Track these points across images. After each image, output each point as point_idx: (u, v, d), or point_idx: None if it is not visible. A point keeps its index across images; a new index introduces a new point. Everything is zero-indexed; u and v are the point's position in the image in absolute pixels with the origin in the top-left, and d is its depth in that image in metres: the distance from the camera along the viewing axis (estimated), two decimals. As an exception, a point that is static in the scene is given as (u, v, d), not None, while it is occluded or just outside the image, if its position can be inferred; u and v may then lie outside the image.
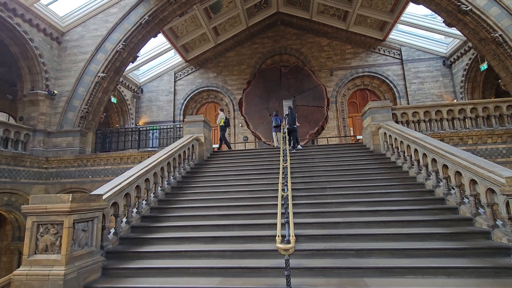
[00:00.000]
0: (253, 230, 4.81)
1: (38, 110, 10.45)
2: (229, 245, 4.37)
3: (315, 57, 15.90)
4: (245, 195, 6.23)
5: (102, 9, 11.35)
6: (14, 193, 9.24)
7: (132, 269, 3.93)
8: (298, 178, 6.73)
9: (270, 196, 5.98)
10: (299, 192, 5.99)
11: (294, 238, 3.23)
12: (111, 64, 11.02)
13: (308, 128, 14.48)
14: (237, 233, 4.68)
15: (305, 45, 16.09)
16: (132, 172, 5.44)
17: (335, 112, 15.18)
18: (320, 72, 15.67)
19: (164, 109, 16.73)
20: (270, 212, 5.24)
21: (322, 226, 4.75)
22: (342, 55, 15.71)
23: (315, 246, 4.12)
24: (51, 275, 3.28)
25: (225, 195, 6.34)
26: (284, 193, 4.58)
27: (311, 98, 14.99)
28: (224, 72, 16.66)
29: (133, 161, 10.06)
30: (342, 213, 5.11)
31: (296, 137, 9.69)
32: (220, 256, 4.15)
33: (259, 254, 4.11)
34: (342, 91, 15.52)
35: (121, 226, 4.88)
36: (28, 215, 3.54)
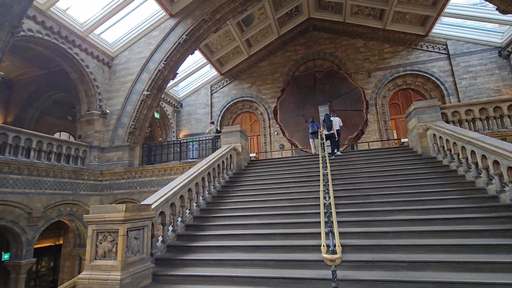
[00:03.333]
0: (295, 239, 4.72)
1: (94, 128, 11.59)
2: (271, 255, 4.34)
3: (351, 60, 15.42)
4: (284, 204, 6.17)
5: (145, 33, 12.35)
6: (75, 204, 10.26)
7: (180, 276, 4.09)
8: (340, 186, 6.49)
9: (310, 204, 5.85)
10: (341, 200, 5.76)
11: (340, 248, 3.09)
12: (154, 83, 11.87)
13: (347, 133, 13.95)
14: (279, 243, 4.63)
15: (339, 48, 15.72)
16: (176, 183, 5.71)
17: (375, 115, 14.45)
18: (356, 74, 15.13)
19: (202, 121, 17.44)
20: (312, 221, 5.10)
21: (369, 235, 4.49)
22: (380, 55, 15.01)
23: (362, 257, 3.90)
24: (109, 279, 3.54)
25: (265, 203, 6.34)
26: (326, 201, 4.44)
27: (348, 102, 14.49)
28: (257, 82, 16.93)
29: (175, 172, 10.57)
30: (391, 222, 4.79)
31: (335, 143, 9.41)
32: (263, 266, 4.13)
33: (302, 264, 4.00)
34: (382, 92, 14.75)
35: (168, 235, 5.12)
36: (89, 224, 3.88)
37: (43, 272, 13.35)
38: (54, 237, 13.41)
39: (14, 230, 8.35)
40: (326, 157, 6.79)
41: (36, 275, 12.88)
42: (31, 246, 8.74)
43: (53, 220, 9.55)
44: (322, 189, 4.92)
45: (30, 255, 8.72)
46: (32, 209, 8.65)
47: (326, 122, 9.50)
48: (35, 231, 8.90)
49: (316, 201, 5.79)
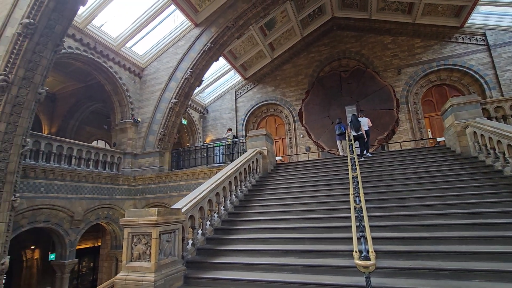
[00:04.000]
0: (325, 244, 4.59)
1: (127, 136, 12.25)
2: (300, 260, 4.25)
3: (378, 57, 14.86)
4: (313, 207, 6.04)
5: (172, 43, 12.88)
6: (111, 208, 10.87)
7: (210, 279, 4.14)
8: (370, 189, 6.23)
9: (339, 208, 5.68)
10: (373, 203, 5.53)
11: (374, 254, 2.95)
12: (181, 90, 12.30)
13: (377, 133, 13.42)
14: (308, 247, 4.53)
15: (366, 46, 15.22)
16: (204, 187, 5.83)
17: (407, 113, 13.74)
18: (385, 72, 14.54)
19: (228, 126, 17.68)
20: (342, 225, 4.95)
21: (404, 241, 4.24)
22: (410, 50, 14.30)
23: (398, 264, 3.69)
24: (144, 281, 3.68)
25: (293, 207, 6.26)
26: (356, 205, 4.28)
27: (377, 101, 13.95)
28: (281, 84, 16.89)
29: (203, 177, 10.82)
30: (428, 227, 4.49)
31: (364, 144, 9.08)
32: (293, 271, 4.06)
33: (333, 270, 3.88)
34: (414, 89, 13.99)
35: (198, 238, 5.23)
36: (125, 227, 4.08)
37: (84, 272, 14.26)
38: (93, 239, 14.29)
39: (59, 232, 9.02)
40: (355, 159, 6.57)
41: (78, 275, 13.79)
42: (73, 247, 9.38)
43: (92, 223, 10.18)
44: (352, 192, 4.75)
45: (73, 256, 9.35)
46: (74, 212, 9.30)
47: (354, 122, 9.20)
48: (77, 233, 9.55)
49: (346, 205, 5.61)
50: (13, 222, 7.20)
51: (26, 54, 7.00)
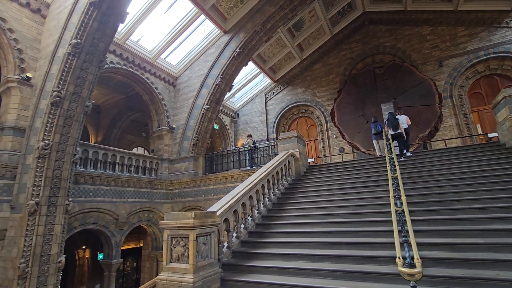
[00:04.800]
0: (364, 249, 4.37)
1: (163, 142, 12.88)
2: (338, 265, 4.09)
3: (416, 50, 13.95)
4: (349, 211, 5.81)
5: (202, 51, 13.34)
6: (151, 211, 11.47)
7: (246, 282, 4.15)
8: (413, 190, 5.83)
9: (378, 211, 5.39)
10: (416, 206, 5.16)
11: (420, 261, 2.74)
12: (212, 96, 12.65)
13: (417, 131, 12.57)
14: (345, 252, 4.35)
15: (401, 40, 14.39)
16: (237, 190, 5.89)
17: (452, 108, 12.67)
18: (424, 65, 13.59)
19: (258, 129, 17.81)
20: (381, 229, 4.69)
21: (454, 247, 3.88)
22: (453, 40, 13.21)
23: (448, 273, 3.38)
24: (183, 281, 3.80)
25: (328, 210, 6.07)
26: (397, 208, 4.02)
27: (416, 96, 13.08)
28: (312, 85, 16.60)
29: (236, 180, 10.97)
30: (482, 232, 4.07)
31: (403, 143, 8.55)
32: (330, 276, 3.92)
33: (374, 277, 3.67)
34: (459, 82, 12.87)
35: (232, 241, 5.29)
36: (164, 230, 4.26)
37: (128, 271, 15.18)
38: (136, 240, 15.17)
39: (106, 234, 9.72)
40: (394, 159, 6.19)
41: (123, 274, 14.72)
42: (118, 248, 10.05)
43: (134, 225, 10.82)
44: (392, 194, 4.47)
45: (118, 256, 10.01)
46: (118, 215, 9.97)
47: (391, 121, 8.72)
48: (121, 234, 10.21)
49: (385, 208, 5.31)
50: (67, 224, 7.92)
51: (75, 71, 7.71)
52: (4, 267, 6.91)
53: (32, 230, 6.91)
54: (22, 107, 7.95)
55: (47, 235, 7.16)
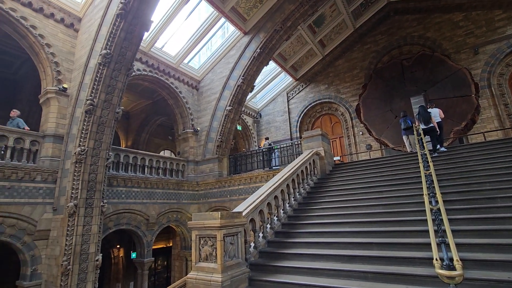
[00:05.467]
0: (396, 250, 4.18)
1: (189, 145, 13.22)
2: (369, 266, 3.94)
3: (448, 38, 13.10)
4: (379, 210, 5.59)
5: (223, 54, 13.52)
6: (179, 211, 11.81)
7: (275, 282, 4.13)
8: (448, 188, 5.48)
9: (410, 210, 5.13)
10: (452, 204, 4.84)
11: (460, 263, 2.55)
12: (234, 98, 12.78)
13: (452, 124, 11.81)
14: (376, 253, 4.18)
15: (431, 28, 13.60)
16: (262, 190, 5.88)
17: (490, 98, 11.74)
18: (457, 54, 12.74)
19: (281, 129, 17.71)
20: (414, 229, 4.46)
21: (499, 249, 3.59)
22: (490, 25, 12.23)
23: (493, 276, 3.12)
24: (212, 281, 3.86)
25: (356, 210, 5.88)
26: (432, 207, 3.79)
27: (449, 87, 12.30)
28: (335, 81, 16.20)
29: (260, 180, 10.97)
30: (531, 232, 3.72)
31: (436, 138, 8.08)
32: (361, 278, 3.79)
33: (408, 279, 3.49)
34: (497, 69, 11.88)
35: (259, 241, 5.29)
36: (192, 230, 4.35)
37: (160, 270, 15.76)
38: (165, 240, 15.71)
39: (137, 234, 10.17)
40: (427, 155, 5.85)
41: (155, 272, 15.30)
42: (150, 247, 10.46)
43: (164, 225, 11.21)
44: (426, 192, 4.23)
45: (150, 255, 10.42)
46: (149, 216, 10.39)
47: (422, 114, 8.27)
48: (152, 234, 10.62)
49: (418, 207, 5.04)
50: (103, 224, 8.39)
51: (106, 80, 8.15)
52: (49, 264, 7.47)
53: (72, 230, 7.40)
54: (60, 116, 8.54)
55: (85, 235, 7.63)
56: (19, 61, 11.50)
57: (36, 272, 7.44)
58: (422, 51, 13.37)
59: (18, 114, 8.28)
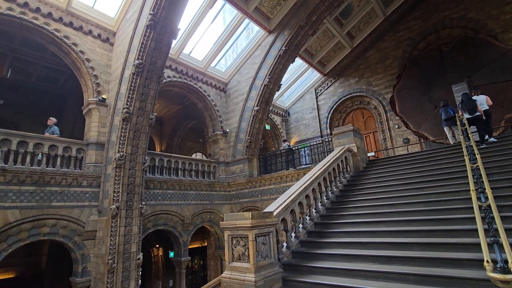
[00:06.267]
0: (440, 250, 3.86)
1: (219, 146, 13.50)
2: (411, 268, 3.69)
3: (493, 17, 11.86)
4: (419, 208, 5.22)
5: (249, 55, 13.59)
6: (212, 212, 12.10)
7: (309, 283, 4.04)
8: (500, 182, 4.96)
9: (455, 207, 4.73)
10: (506, 200, 4.37)
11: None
12: (262, 98, 12.78)
13: (502, 112, 10.70)
14: (418, 254, 3.90)
15: (472, 8, 12.42)
16: (293, 190, 5.79)
17: (547, 80, 10.43)
18: (505, 33, 11.47)
19: (311, 126, 17.37)
20: (460, 228, 4.10)
21: None
22: (542, -2, 10.88)
23: (560, 282, 2.74)
24: (245, 280, 3.88)
25: (394, 208, 5.55)
26: (481, 203, 3.44)
27: (497, 71, 11.15)
28: (366, 74, 15.50)
29: (291, 179, 10.84)
30: None
31: (484, 127, 7.36)
32: (402, 280, 3.56)
33: (455, 282, 3.20)
34: (555, 47, 10.55)
35: (292, 241, 5.22)
36: (224, 230, 4.42)
37: (196, 269, 16.29)
38: (201, 240, 16.20)
39: (174, 234, 10.60)
40: (473, 147, 5.34)
41: (192, 271, 15.85)
42: (186, 247, 10.85)
43: (198, 226, 11.56)
44: (473, 188, 3.85)
45: (186, 254, 10.81)
46: (184, 216, 10.78)
47: (466, 103, 7.58)
48: (188, 234, 11.01)
49: (464, 203, 4.63)
50: (142, 225, 8.87)
51: (139, 89, 8.61)
52: (97, 262, 8.08)
53: (115, 230, 7.93)
54: (101, 125, 9.21)
55: (127, 235, 8.13)
56: (64, 76, 12.61)
57: (86, 269, 8.10)
58: (464, 34, 12.27)
59: (54, 122, 9.01)
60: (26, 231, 7.24)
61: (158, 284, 14.45)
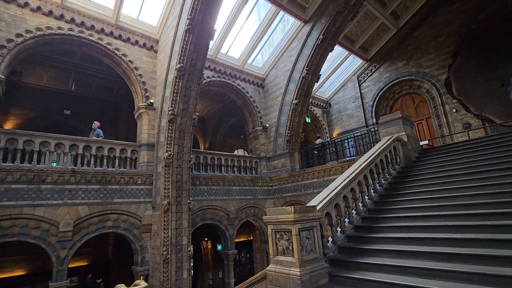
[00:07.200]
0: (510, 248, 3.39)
1: (259, 142, 13.62)
2: (475, 266, 3.31)
3: None
4: (483, 200, 4.64)
5: (285, 48, 13.38)
6: (256, 207, 12.30)
7: (357, 279, 3.88)
8: None
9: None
10: None
11: None
12: (300, 90, 12.51)
13: None
14: (483, 251, 3.48)
15: (547, -35, 10.52)
16: (337, 183, 5.59)
17: None
18: None
19: (354, 116, 16.53)
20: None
21: None
22: None
23: None
24: (290, 274, 3.88)
25: (452, 200, 5.02)
26: None
27: None
28: (415, 55, 14.18)
29: (334, 172, 10.49)
30: None
31: None
32: (464, 280, 3.21)
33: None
34: None
35: (337, 236, 5.06)
36: (268, 224, 4.46)
37: (244, 262, 16.76)
38: (246, 234, 16.60)
39: (221, 228, 11.04)
40: (553, 128, 4.55)
41: (240, 263, 16.36)
42: (232, 240, 11.22)
43: (243, 220, 11.86)
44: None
45: (233, 247, 11.18)
46: (229, 211, 11.16)
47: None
48: (233, 228, 11.37)
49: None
50: (191, 219, 9.41)
51: (182, 91, 9.08)
52: (153, 253, 8.82)
53: (167, 224, 8.55)
54: (150, 127, 9.95)
55: (178, 229, 8.71)
56: (117, 85, 13.86)
57: (145, 259, 8.89)
58: (537, -3, 10.46)
59: (98, 126, 9.87)
60: (94, 224, 8.20)
61: (209, 275, 15.24)
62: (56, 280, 7.28)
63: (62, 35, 8.76)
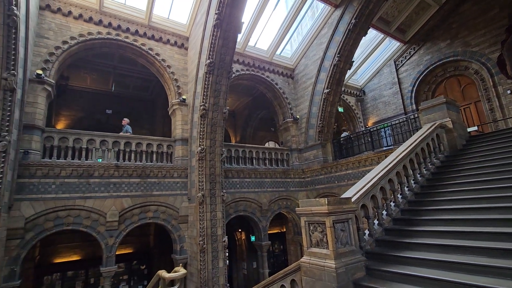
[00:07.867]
0: None
1: (290, 134, 13.46)
2: (536, 265, 2.98)
3: None
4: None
5: (315, 35, 12.94)
6: (288, 199, 12.26)
7: (396, 273, 3.71)
8: None
9: None
10: None
11: None
12: (332, 79, 12.07)
13: None
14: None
15: None
16: (373, 174, 5.35)
17: None
18: None
19: (391, 103, 15.59)
20: None
21: None
22: None
23: None
24: (325, 266, 3.82)
25: (505, 191, 4.55)
26: None
27: None
28: (461, 33, 12.88)
29: (370, 163, 10.04)
30: None
31: None
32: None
33: None
34: None
35: (374, 228, 4.86)
36: (301, 216, 4.42)
37: (277, 253, 16.92)
38: (279, 226, 16.68)
39: (254, 219, 11.21)
40: None
41: (273, 255, 16.53)
42: (265, 231, 11.34)
43: (276, 212, 11.91)
44: None
45: (266, 239, 11.31)
46: (261, 203, 11.26)
47: None
48: (266, 220, 11.48)
49: None
50: (225, 211, 9.67)
51: (212, 86, 9.25)
52: (191, 243, 9.25)
53: (203, 215, 8.88)
54: (183, 123, 10.32)
55: (213, 220, 9.02)
56: (152, 84, 14.55)
57: (183, 248, 9.37)
58: None
59: (127, 122, 10.34)
60: (136, 215, 8.80)
61: (243, 265, 15.64)
62: (106, 265, 7.99)
63: (101, 39, 9.37)
